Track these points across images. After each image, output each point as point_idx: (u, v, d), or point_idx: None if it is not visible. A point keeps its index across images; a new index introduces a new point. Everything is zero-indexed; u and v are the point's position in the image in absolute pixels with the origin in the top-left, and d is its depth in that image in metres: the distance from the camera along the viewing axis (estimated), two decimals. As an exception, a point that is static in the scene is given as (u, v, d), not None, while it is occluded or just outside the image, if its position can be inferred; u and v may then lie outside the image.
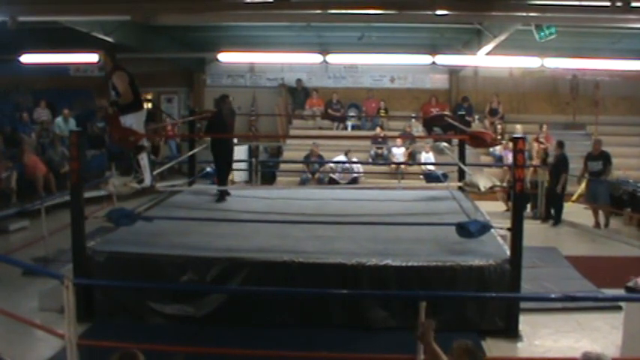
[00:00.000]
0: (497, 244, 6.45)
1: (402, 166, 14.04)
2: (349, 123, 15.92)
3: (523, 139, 6.14)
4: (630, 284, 5.41)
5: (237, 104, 16.17)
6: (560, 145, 11.45)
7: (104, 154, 13.82)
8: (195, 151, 10.04)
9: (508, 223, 6.06)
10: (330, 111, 15.77)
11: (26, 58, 13.62)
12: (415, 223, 7.38)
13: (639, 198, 10.93)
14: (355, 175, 13.69)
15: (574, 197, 12.06)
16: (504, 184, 10.39)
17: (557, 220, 11.17)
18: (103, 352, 4.95)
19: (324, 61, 14.92)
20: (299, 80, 16.17)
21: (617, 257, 8.90)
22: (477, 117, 15.31)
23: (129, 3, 8.50)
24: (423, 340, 3.16)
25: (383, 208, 8.53)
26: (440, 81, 16.43)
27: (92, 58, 14.04)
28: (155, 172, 8.02)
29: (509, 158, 11.35)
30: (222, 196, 8.83)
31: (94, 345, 4.98)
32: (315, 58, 14.89)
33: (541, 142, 13.45)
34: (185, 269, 6.03)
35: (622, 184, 11.40)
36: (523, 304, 6.04)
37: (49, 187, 11.71)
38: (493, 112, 15.38)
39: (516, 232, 5.94)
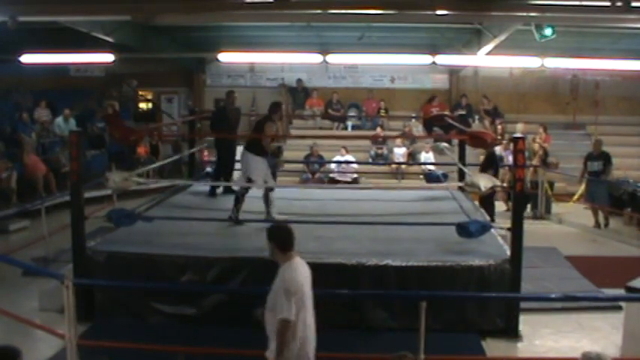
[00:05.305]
0: (497, 244, 6.45)
1: (403, 166, 14.03)
2: (349, 123, 15.90)
3: (523, 139, 6.15)
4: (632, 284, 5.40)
5: (237, 104, 16.23)
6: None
7: (104, 154, 13.80)
8: (194, 150, 10.03)
9: (508, 223, 6.07)
10: (330, 111, 15.75)
11: (26, 58, 13.60)
12: (415, 223, 7.38)
13: (639, 198, 10.92)
14: (354, 173, 13.66)
15: (575, 197, 12.05)
16: (504, 184, 10.38)
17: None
18: (102, 352, 4.97)
19: (324, 61, 14.89)
20: (299, 80, 16.16)
21: (617, 257, 8.90)
22: (477, 117, 15.30)
23: (129, 3, 8.49)
24: None
25: (383, 208, 8.52)
26: (440, 81, 16.41)
27: (92, 58, 14.10)
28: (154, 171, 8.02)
29: (509, 158, 11.33)
30: (213, 191, 9.13)
31: (94, 345, 4.99)
32: (315, 58, 14.86)
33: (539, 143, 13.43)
34: (185, 269, 6.03)
35: (622, 184, 11.40)
36: (523, 304, 6.05)
37: (49, 187, 11.71)
38: (488, 113, 15.34)
39: (516, 232, 5.94)
